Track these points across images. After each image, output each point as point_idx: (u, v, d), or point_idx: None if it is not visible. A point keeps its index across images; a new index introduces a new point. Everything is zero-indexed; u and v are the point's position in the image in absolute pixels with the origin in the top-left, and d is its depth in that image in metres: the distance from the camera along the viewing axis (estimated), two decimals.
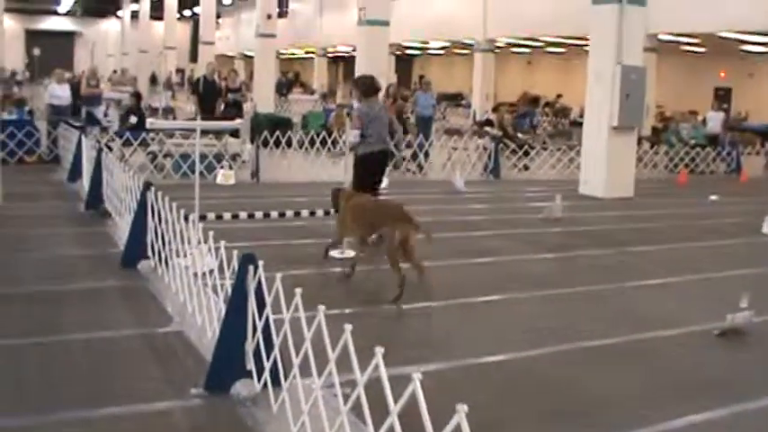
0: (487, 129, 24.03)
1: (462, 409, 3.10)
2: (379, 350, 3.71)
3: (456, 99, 47.21)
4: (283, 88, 44.91)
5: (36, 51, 52.31)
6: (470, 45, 39.39)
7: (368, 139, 11.28)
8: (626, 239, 12.96)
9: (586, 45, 18.66)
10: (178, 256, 7.78)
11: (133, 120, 19.19)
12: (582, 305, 9.02)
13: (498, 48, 39.55)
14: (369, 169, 11.47)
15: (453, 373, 6.55)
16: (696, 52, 36.77)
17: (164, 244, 8.29)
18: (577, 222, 14.21)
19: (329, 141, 20.04)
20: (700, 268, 11.05)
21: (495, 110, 29.72)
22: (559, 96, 39.26)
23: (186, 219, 7.66)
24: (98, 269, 9.46)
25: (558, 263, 11.12)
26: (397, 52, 43.97)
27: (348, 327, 4.07)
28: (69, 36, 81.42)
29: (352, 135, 11.39)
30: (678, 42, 32.41)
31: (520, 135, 23.55)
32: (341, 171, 12.81)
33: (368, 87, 11.63)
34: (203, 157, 14.29)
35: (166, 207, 8.03)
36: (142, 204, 8.98)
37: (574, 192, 17.31)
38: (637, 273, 10.60)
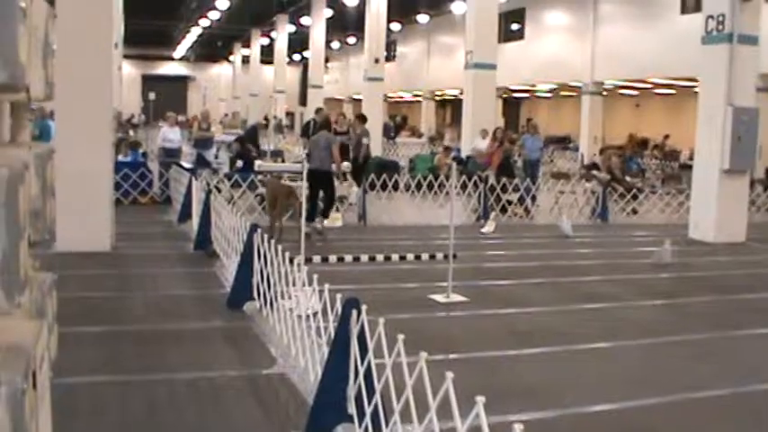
0: (595, 172, 23.72)
1: None
2: (480, 399, 3.65)
3: (564, 142, 46.74)
4: (391, 131, 45.21)
5: (151, 96, 53.70)
6: (578, 87, 39.09)
7: (310, 158, 15.09)
8: (737, 286, 12.61)
9: (696, 86, 18.30)
10: (283, 298, 7.86)
11: (239, 163, 19.50)
12: (690, 354, 8.76)
13: (606, 90, 39.14)
14: (309, 180, 13.88)
15: (557, 422, 6.43)
16: None
17: (269, 286, 8.39)
18: (687, 268, 13.88)
19: (436, 184, 19.90)
20: None
21: (601, 153, 29.35)
22: (666, 137, 38.43)
23: (291, 261, 7.73)
24: (205, 309, 9.63)
25: (667, 310, 10.87)
26: (505, 95, 43.89)
27: (450, 374, 4.02)
28: (183, 81, 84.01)
29: (302, 155, 15.11)
30: None
31: (628, 178, 23.24)
32: (446, 213, 12.78)
33: (319, 126, 17.74)
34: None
35: (272, 249, 8.13)
36: (248, 246, 9.10)
37: (684, 236, 16.92)
38: (748, 321, 10.28)
